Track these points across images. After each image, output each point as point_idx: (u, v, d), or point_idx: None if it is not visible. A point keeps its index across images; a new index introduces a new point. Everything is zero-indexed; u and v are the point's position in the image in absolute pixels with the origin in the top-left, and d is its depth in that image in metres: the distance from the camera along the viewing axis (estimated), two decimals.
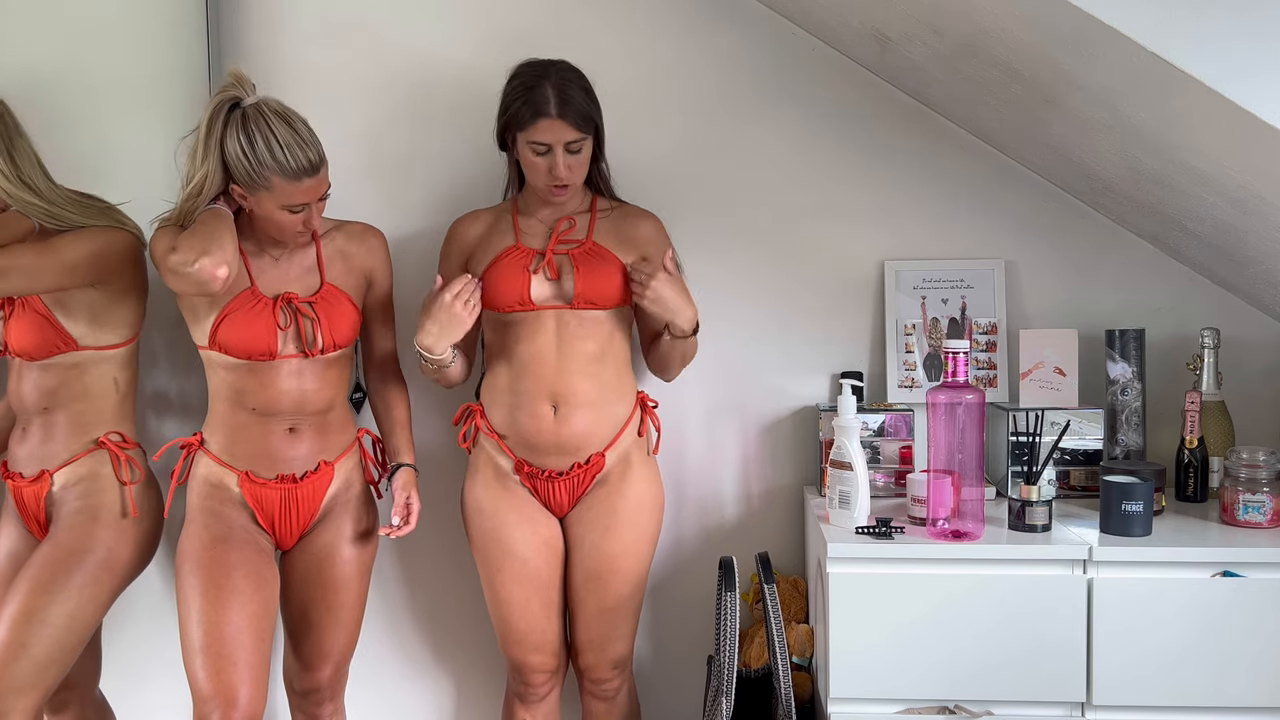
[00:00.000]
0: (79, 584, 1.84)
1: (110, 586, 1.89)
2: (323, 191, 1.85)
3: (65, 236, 1.86)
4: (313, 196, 1.83)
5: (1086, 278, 2.20)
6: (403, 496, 1.96)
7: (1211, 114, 1.44)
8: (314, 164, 1.79)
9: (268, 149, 1.75)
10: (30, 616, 1.79)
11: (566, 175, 1.88)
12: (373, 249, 2.01)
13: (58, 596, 1.82)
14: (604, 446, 1.97)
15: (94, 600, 1.86)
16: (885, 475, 2.12)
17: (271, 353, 1.88)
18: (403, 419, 2.05)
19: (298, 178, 1.78)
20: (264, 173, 1.76)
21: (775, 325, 2.25)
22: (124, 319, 1.95)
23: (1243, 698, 1.73)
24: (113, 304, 1.93)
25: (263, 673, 1.82)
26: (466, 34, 2.23)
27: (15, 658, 1.78)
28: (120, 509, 1.92)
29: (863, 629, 1.78)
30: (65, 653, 1.83)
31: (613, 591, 1.97)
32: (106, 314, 1.93)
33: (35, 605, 1.80)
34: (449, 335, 1.90)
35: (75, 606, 1.83)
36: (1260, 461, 1.85)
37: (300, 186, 1.79)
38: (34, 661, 1.79)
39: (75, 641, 1.85)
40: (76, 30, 2.20)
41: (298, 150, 1.77)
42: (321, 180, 1.83)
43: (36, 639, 1.79)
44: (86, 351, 1.92)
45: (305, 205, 1.83)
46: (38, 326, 1.89)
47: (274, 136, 1.75)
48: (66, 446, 1.93)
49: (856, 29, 2.01)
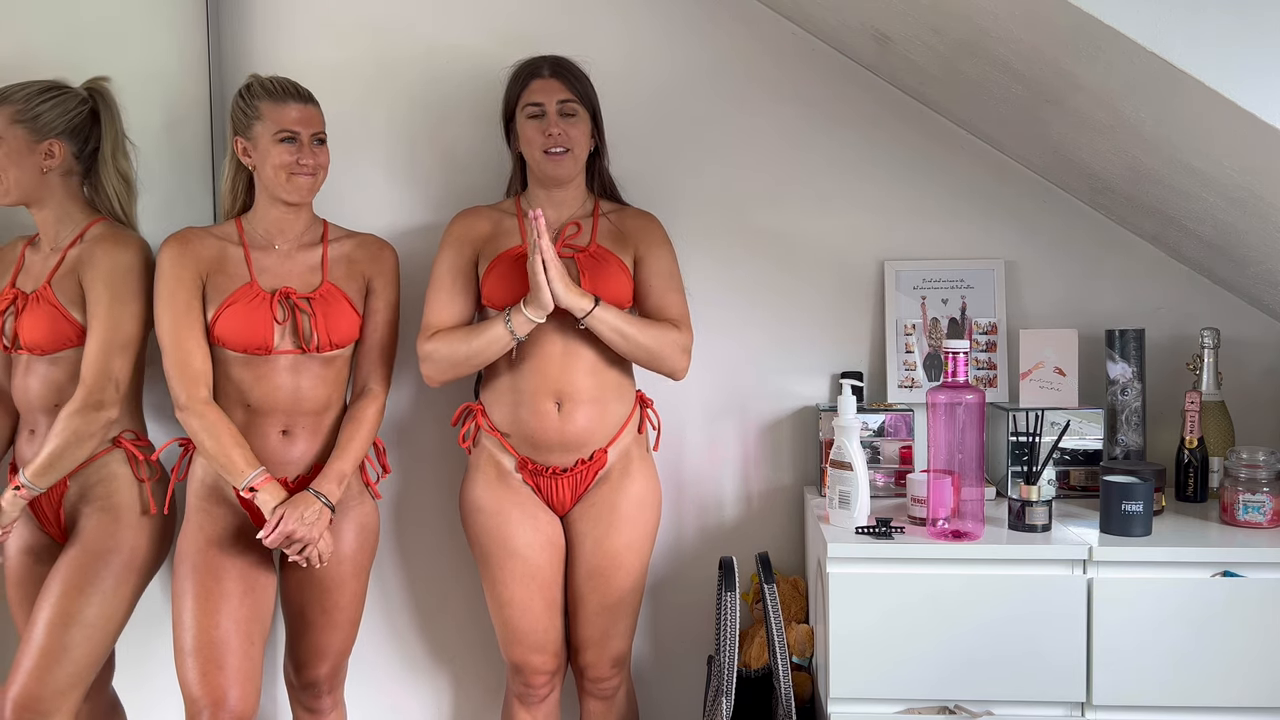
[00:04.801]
0: (110, 584, 1.88)
1: (136, 584, 1.94)
2: (315, 128, 1.93)
3: (114, 279, 1.92)
4: (303, 126, 1.90)
5: (1086, 278, 2.21)
6: (277, 517, 1.81)
7: (1211, 114, 1.44)
8: (300, 90, 1.93)
9: (260, 85, 1.92)
10: (69, 620, 1.84)
11: (559, 136, 1.91)
12: (377, 257, 2.01)
13: (92, 598, 1.86)
14: (607, 442, 1.97)
15: (124, 599, 1.91)
16: (885, 475, 2.12)
17: (268, 346, 1.89)
18: (350, 440, 1.93)
19: (284, 98, 1.89)
20: (254, 102, 1.90)
21: (775, 325, 2.25)
22: (134, 313, 1.95)
23: (1243, 698, 1.73)
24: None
25: (253, 674, 1.84)
26: (467, 33, 2.23)
27: (57, 660, 1.82)
28: (140, 507, 1.95)
29: (863, 629, 1.78)
30: (103, 651, 1.89)
31: (615, 588, 1.97)
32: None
33: (72, 608, 1.84)
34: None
35: (110, 606, 1.88)
36: (1260, 461, 1.85)
37: (288, 108, 1.89)
38: (75, 663, 1.84)
39: (109, 640, 1.90)
40: (76, 30, 2.20)
41: (285, 81, 1.93)
42: (312, 113, 1.93)
43: (75, 641, 1.84)
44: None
45: (296, 137, 1.89)
46: (51, 319, 1.90)
47: (267, 79, 1.92)
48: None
49: (856, 29, 2.01)
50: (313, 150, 1.92)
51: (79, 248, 1.95)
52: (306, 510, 1.84)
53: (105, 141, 1.99)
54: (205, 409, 1.88)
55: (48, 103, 1.92)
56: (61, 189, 1.96)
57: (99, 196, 2.01)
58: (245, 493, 1.85)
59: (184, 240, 1.93)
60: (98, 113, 1.99)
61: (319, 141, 1.94)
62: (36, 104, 1.91)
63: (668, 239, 2.04)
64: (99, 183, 2.00)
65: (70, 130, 1.94)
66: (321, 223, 2.02)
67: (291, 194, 1.92)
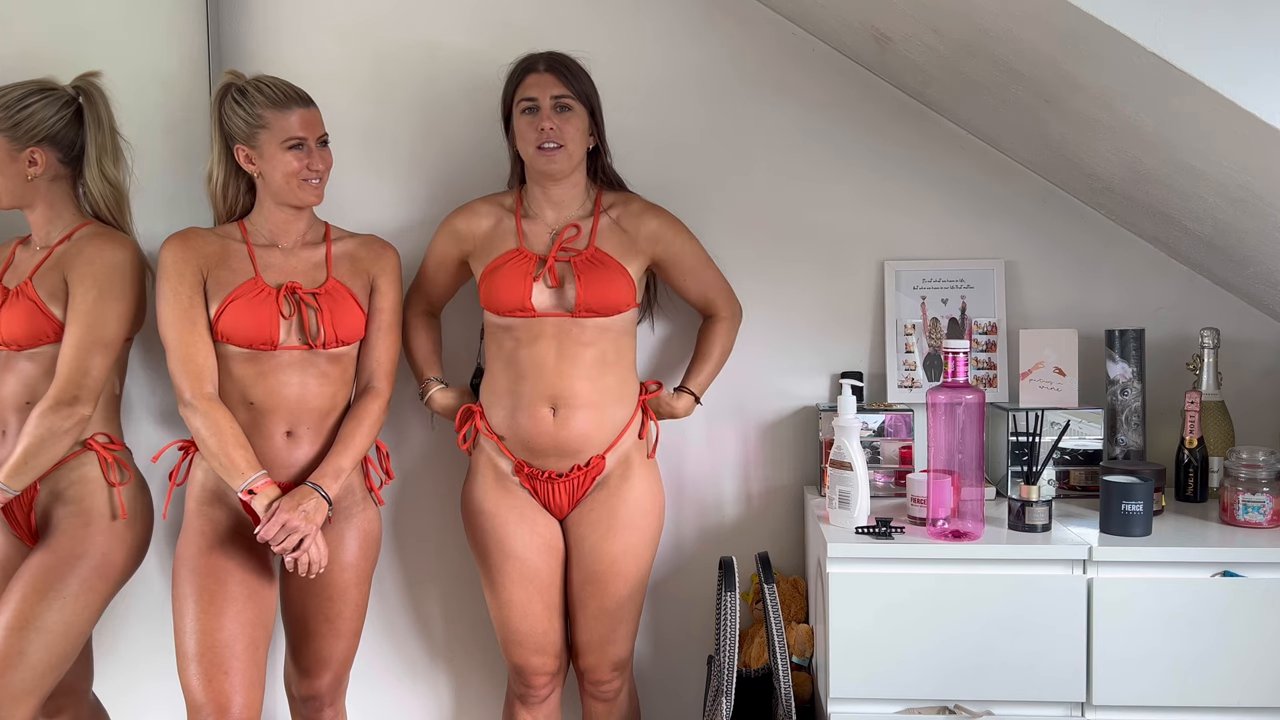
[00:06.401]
0: (74, 590, 1.84)
1: (104, 591, 1.89)
2: (319, 131, 1.92)
3: (102, 280, 1.90)
4: (309, 130, 1.89)
5: (1086, 278, 2.21)
6: (280, 519, 1.79)
7: (1211, 114, 1.44)
8: (301, 95, 1.90)
9: (257, 91, 1.87)
10: (27, 624, 1.79)
11: (551, 131, 1.90)
12: (379, 257, 2.00)
13: (54, 603, 1.81)
14: (604, 449, 1.97)
15: (89, 606, 1.86)
16: (885, 475, 2.12)
17: (273, 341, 1.87)
18: (350, 437, 1.92)
19: (287, 105, 1.87)
20: (256, 111, 1.86)
21: (775, 325, 2.25)
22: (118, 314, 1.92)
23: (1243, 698, 1.73)
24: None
25: (257, 680, 1.81)
26: (467, 33, 2.23)
27: (13, 665, 1.77)
28: (111, 512, 1.91)
29: (863, 629, 1.78)
30: (62, 659, 1.83)
31: (613, 593, 1.97)
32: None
33: (31, 612, 1.80)
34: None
35: (71, 613, 1.83)
36: (1260, 461, 1.85)
37: (292, 115, 1.87)
38: (31, 669, 1.79)
39: (71, 647, 1.85)
40: (77, 30, 2.20)
41: (284, 85, 1.89)
42: (314, 116, 1.91)
43: (33, 646, 1.79)
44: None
45: (304, 142, 1.88)
46: (29, 315, 1.88)
47: (262, 83, 1.89)
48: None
49: (856, 29, 2.01)
50: (320, 153, 1.91)
51: (66, 245, 1.93)
52: (304, 502, 1.81)
53: (90, 145, 1.95)
54: (209, 405, 1.85)
55: (29, 109, 1.88)
56: (50, 193, 1.94)
57: (89, 199, 1.99)
58: (244, 495, 1.82)
59: (186, 237, 1.92)
60: (84, 113, 1.95)
61: (323, 143, 1.93)
62: (16, 111, 1.88)
63: (680, 225, 2.04)
64: (86, 186, 1.98)
65: (53, 136, 1.91)
66: (323, 224, 2.01)
67: (305, 199, 1.91)
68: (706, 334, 2.12)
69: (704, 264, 2.08)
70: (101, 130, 1.97)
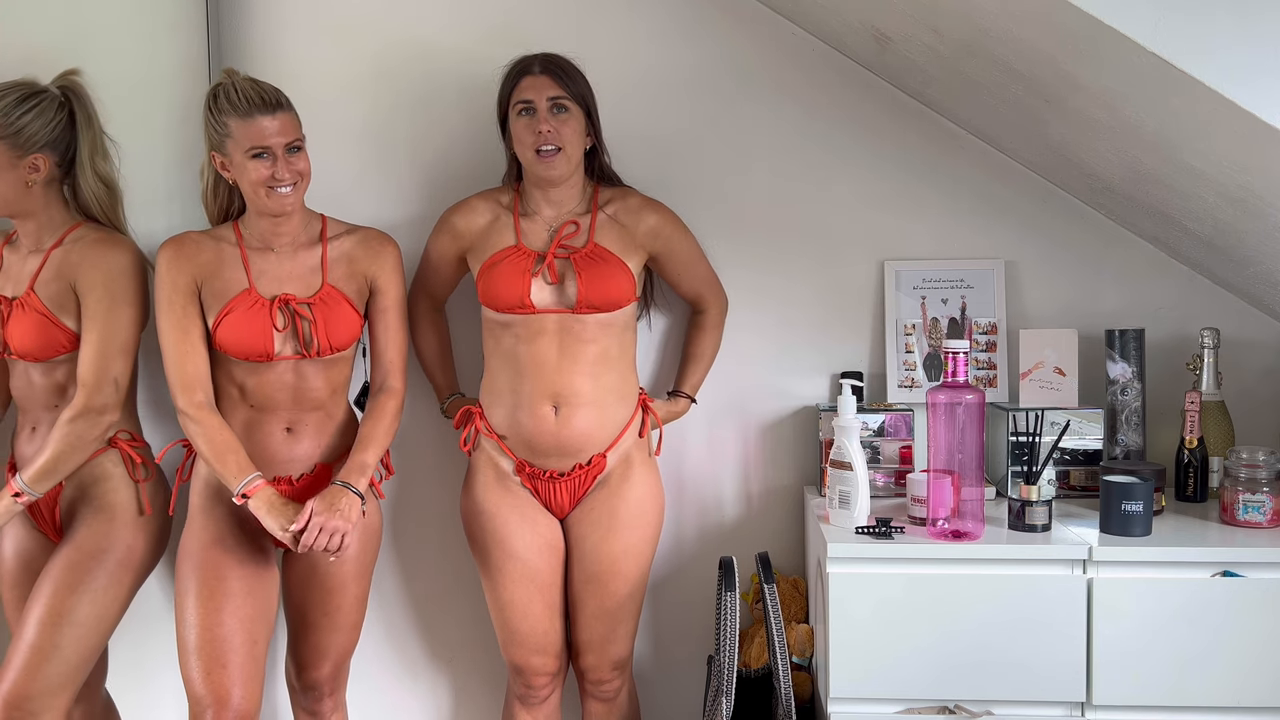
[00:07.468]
0: (103, 584, 1.88)
1: (130, 584, 1.93)
2: (289, 138, 1.84)
3: (106, 286, 1.90)
4: (275, 137, 1.82)
5: (1086, 278, 2.20)
6: (319, 524, 1.81)
7: (1212, 115, 1.44)
8: (267, 101, 1.82)
9: (226, 98, 1.82)
10: (60, 618, 1.83)
11: (549, 133, 1.89)
12: (378, 254, 1.98)
13: (84, 597, 1.85)
14: (605, 447, 1.97)
15: (117, 599, 1.90)
16: (885, 475, 2.12)
17: (268, 354, 1.88)
18: (371, 434, 1.93)
19: (250, 113, 1.80)
20: (222, 119, 1.82)
21: (775, 325, 2.25)
22: (131, 317, 1.94)
23: (1243, 698, 1.73)
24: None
25: (257, 673, 1.84)
26: (466, 33, 2.23)
27: (48, 659, 1.82)
28: (136, 507, 1.94)
29: (863, 629, 1.78)
30: (93, 651, 1.88)
31: (613, 593, 1.97)
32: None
33: (63, 606, 1.84)
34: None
35: (101, 606, 1.87)
36: (1260, 461, 1.85)
37: (256, 124, 1.80)
38: (66, 662, 1.83)
39: (100, 640, 1.90)
40: (77, 30, 2.20)
41: (251, 91, 1.82)
42: (283, 123, 1.83)
43: (66, 639, 1.83)
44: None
45: (269, 151, 1.82)
46: (40, 328, 1.89)
47: (233, 88, 1.82)
48: None
49: (856, 29, 2.01)
50: (288, 161, 1.84)
51: (63, 250, 1.92)
52: (338, 501, 1.84)
53: (82, 145, 1.94)
54: (201, 415, 1.87)
55: (29, 114, 1.87)
56: (45, 197, 1.93)
57: (80, 200, 1.97)
58: (237, 499, 1.85)
59: (179, 245, 1.91)
60: (75, 114, 1.94)
61: (294, 150, 1.86)
62: (16, 117, 1.85)
63: (678, 221, 2.05)
64: (78, 187, 1.96)
65: (52, 141, 1.90)
66: (319, 219, 1.99)
67: (273, 208, 1.87)
68: (696, 333, 2.13)
69: (698, 258, 2.10)
70: (91, 129, 1.96)
